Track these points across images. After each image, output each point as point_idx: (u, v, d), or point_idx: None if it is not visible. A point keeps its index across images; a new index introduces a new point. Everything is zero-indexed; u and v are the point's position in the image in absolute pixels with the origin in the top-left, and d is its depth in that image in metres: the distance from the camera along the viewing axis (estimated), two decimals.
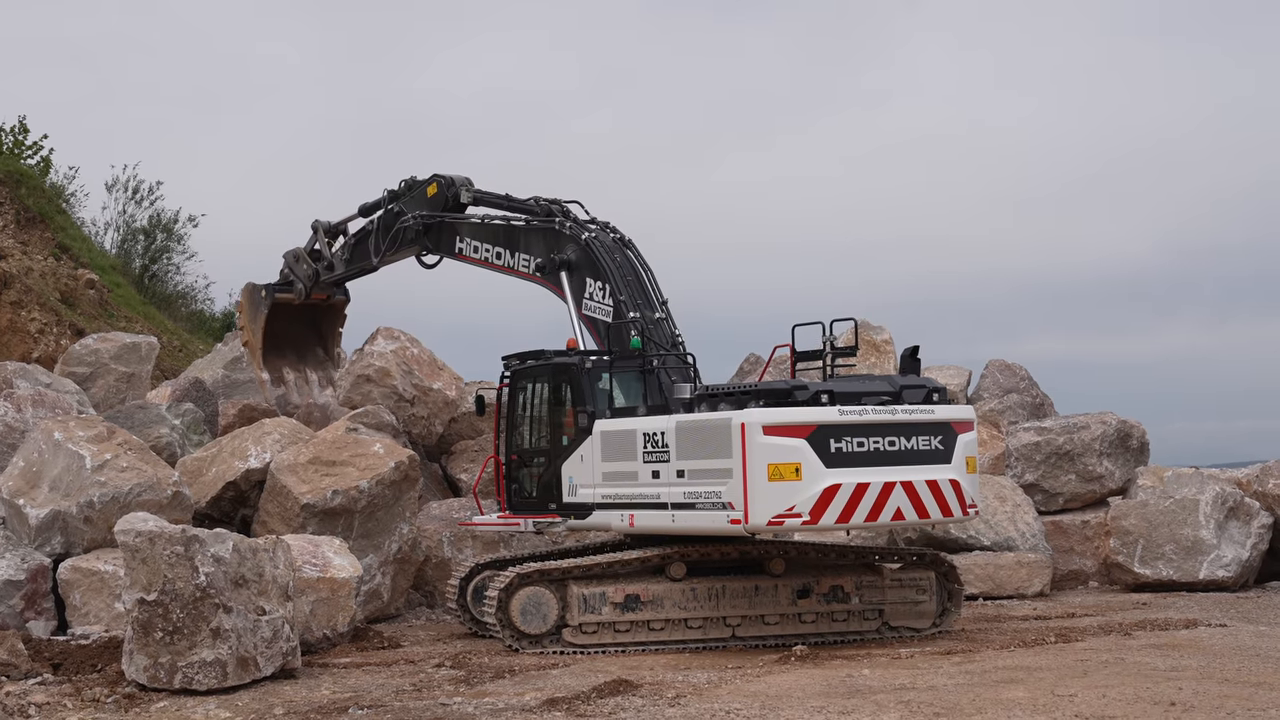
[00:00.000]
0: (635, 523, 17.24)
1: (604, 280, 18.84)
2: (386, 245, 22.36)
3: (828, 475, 15.86)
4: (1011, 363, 28.19)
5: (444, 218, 21.53)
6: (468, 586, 18.70)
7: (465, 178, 21.79)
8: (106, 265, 36.11)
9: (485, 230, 20.96)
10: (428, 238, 21.81)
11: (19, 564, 17.83)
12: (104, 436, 18.99)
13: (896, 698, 13.14)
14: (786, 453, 15.77)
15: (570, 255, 19.44)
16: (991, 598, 21.80)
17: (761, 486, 15.72)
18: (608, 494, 17.57)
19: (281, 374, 24.91)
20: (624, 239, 19.61)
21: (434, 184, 21.80)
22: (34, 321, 28.34)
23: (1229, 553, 22.26)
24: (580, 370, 18.15)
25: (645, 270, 19.29)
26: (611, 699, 13.50)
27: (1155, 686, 13.35)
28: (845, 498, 15.90)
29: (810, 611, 17.52)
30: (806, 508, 15.77)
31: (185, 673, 14.33)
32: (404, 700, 13.82)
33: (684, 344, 18.77)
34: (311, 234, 24.08)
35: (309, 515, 19.53)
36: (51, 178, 38.06)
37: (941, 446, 16.65)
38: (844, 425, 16.06)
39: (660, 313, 18.84)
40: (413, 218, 21.84)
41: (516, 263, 20.34)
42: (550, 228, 19.83)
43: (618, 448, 17.42)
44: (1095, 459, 24.47)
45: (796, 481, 15.75)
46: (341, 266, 23.67)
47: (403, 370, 24.90)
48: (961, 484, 16.71)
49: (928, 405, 16.70)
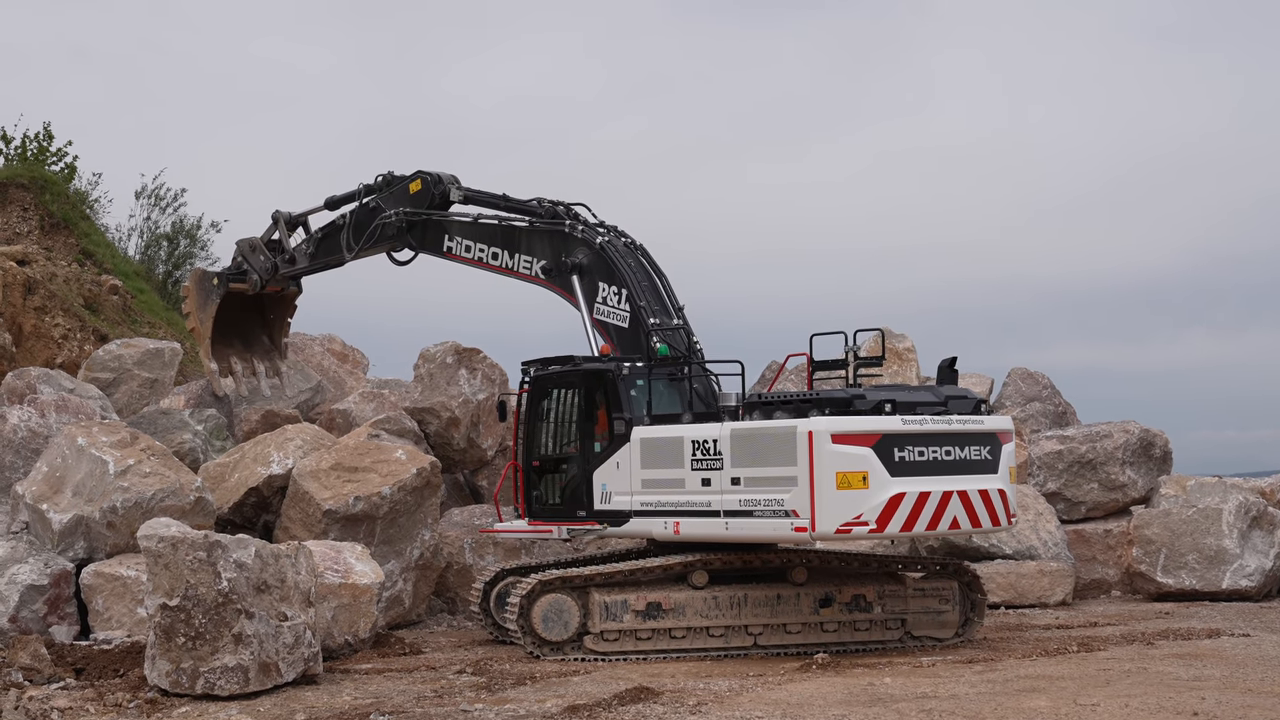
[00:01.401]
0: (681, 530, 17.21)
1: (619, 285, 18.68)
2: (363, 241, 21.90)
3: (893, 484, 15.97)
4: (1034, 371, 28.10)
5: (431, 215, 21.16)
6: (490, 592, 18.70)
7: (452, 175, 21.42)
8: (130, 271, 36.16)
9: (480, 230, 20.58)
10: (410, 234, 21.36)
11: (42, 569, 17.90)
12: (127, 442, 19.06)
13: (918, 706, 13.12)
14: (854, 461, 15.86)
15: (582, 259, 19.20)
16: (1014, 607, 21.75)
17: (829, 494, 15.80)
18: (647, 501, 17.55)
19: (229, 363, 24.46)
20: (635, 244, 19.41)
21: (418, 180, 21.36)
22: (58, 327, 28.40)
23: (1252, 562, 22.17)
24: (616, 376, 18.06)
25: (659, 276, 19.14)
26: (633, 706, 13.50)
27: (1178, 696, 13.31)
28: (910, 506, 16.03)
29: (832, 620, 17.48)
30: (873, 516, 15.86)
31: (207, 678, 14.37)
32: (425, 706, 13.84)
33: (701, 351, 18.67)
34: (271, 224, 23.58)
35: (331, 521, 19.55)
36: (75, 184, 38.18)
37: (990, 456, 16.82)
38: (907, 434, 16.17)
39: (677, 319, 18.73)
40: (395, 214, 21.38)
41: (516, 264, 20.03)
42: (559, 230, 19.57)
43: (660, 455, 17.38)
44: (1118, 468, 24.40)
45: (864, 490, 15.86)
46: (305, 260, 23.19)
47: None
48: (1007, 493, 16.91)
49: (976, 415, 16.88)
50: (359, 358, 28.57)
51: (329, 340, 28.22)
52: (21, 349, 27.47)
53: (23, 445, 20.40)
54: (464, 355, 24.58)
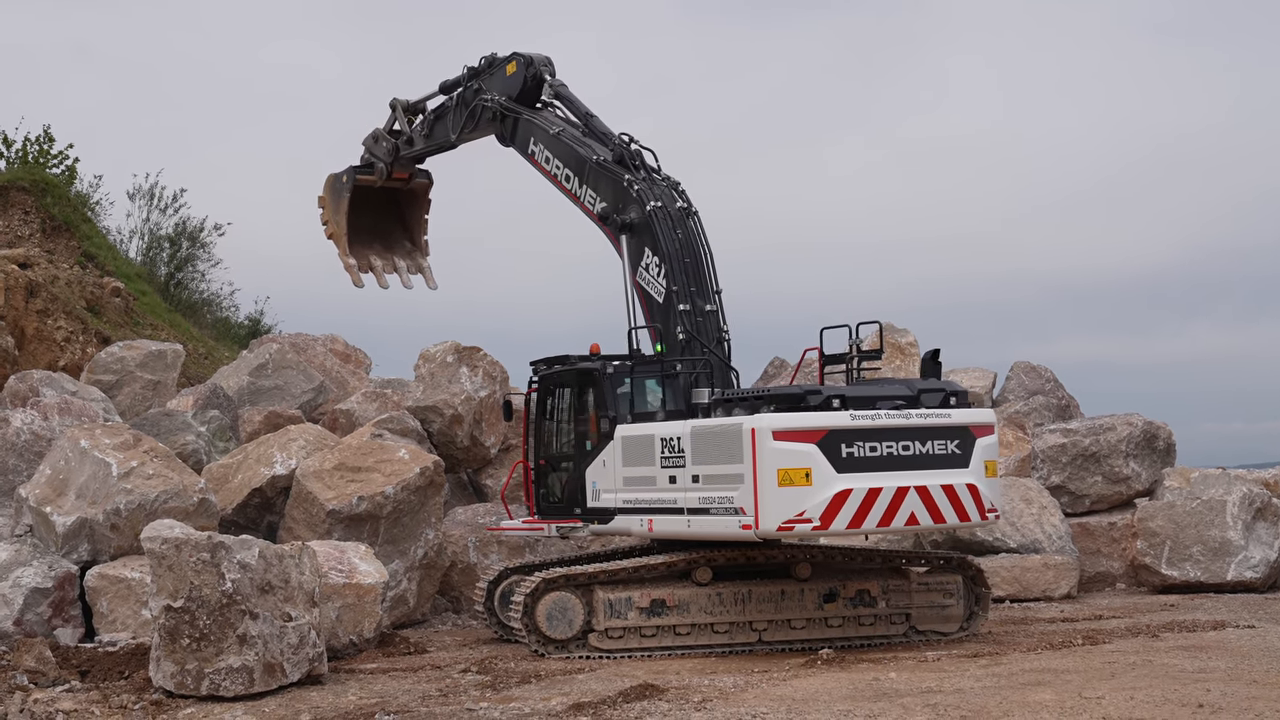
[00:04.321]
0: (654, 528, 17.24)
1: (661, 259, 18.11)
2: (464, 123, 21.92)
3: (839, 480, 15.77)
4: (1037, 364, 28.08)
5: (523, 114, 20.74)
6: (495, 591, 18.71)
7: (546, 58, 21.06)
8: (132, 273, 36.17)
9: (560, 146, 19.88)
10: (504, 126, 21.11)
11: (46, 571, 17.91)
12: (130, 444, 19.06)
13: (923, 701, 13.11)
14: (796, 458, 15.69)
15: (634, 217, 18.47)
16: (1018, 600, 21.74)
17: (771, 491, 15.67)
18: (629, 499, 17.58)
19: (369, 261, 24.59)
20: (689, 210, 18.51)
21: (513, 62, 21.11)
22: (60, 330, 28.39)
23: (1257, 554, 22.16)
24: (602, 375, 18.12)
25: (705, 250, 18.35)
26: (637, 704, 13.50)
27: (1183, 688, 13.30)
28: (857, 503, 15.82)
29: (836, 616, 17.47)
30: (817, 513, 15.69)
31: (212, 679, 14.37)
32: (430, 705, 13.84)
33: (729, 340, 18.15)
34: (390, 112, 23.74)
35: (334, 521, 19.56)
36: (76, 186, 38.19)
37: (959, 450, 16.52)
38: (856, 430, 15.94)
39: (712, 303, 18.08)
40: (493, 100, 21.22)
41: (584, 196, 19.39)
42: (619, 179, 18.83)
43: (638, 453, 17.42)
44: (1121, 460, 24.38)
45: (807, 487, 15.69)
46: (421, 142, 23.25)
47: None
48: (980, 488, 16.58)
49: (944, 409, 16.60)
50: (361, 358, 28.57)
51: (331, 340, 28.23)
52: (24, 352, 27.46)
53: (26, 448, 20.39)
54: (464, 354, 24.59)
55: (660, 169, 18.94)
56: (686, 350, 17.70)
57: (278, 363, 25.56)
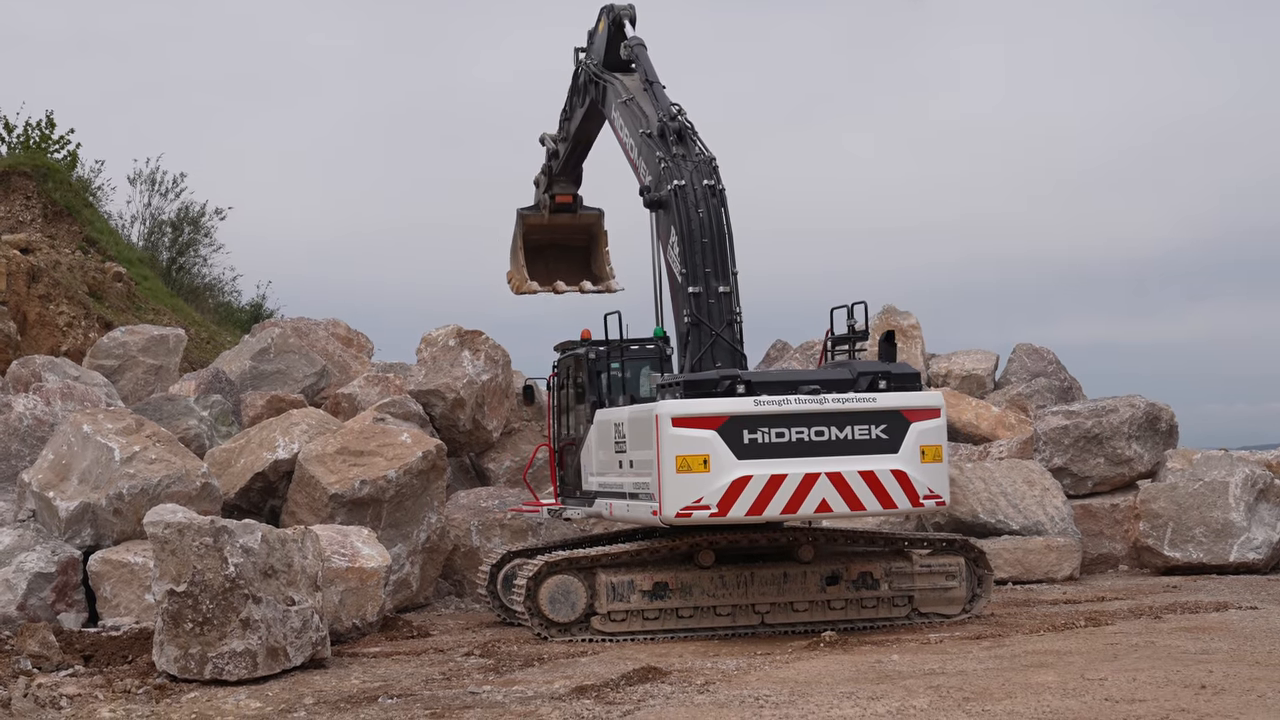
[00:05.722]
0: (613, 512, 17.46)
1: (679, 238, 17.73)
2: (572, 101, 21.55)
3: (739, 467, 15.70)
4: (1039, 346, 28.13)
5: (603, 77, 20.16)
6: (498, 574, 18.74)
7: (627, 4, 20.37)
8: (134, 258, 36.17)
9: (630, 115, 19.19)
10: (597, 91, 20.51)
11: (49, 556, 17.93)
12: (133, 429, 19.07)
13: (926, 683, 13.12)
14: (695, 444, 15.67)
15: (664, 194, 18.03)
16: (1021, 582, 21.74)
17: (671, 478, 15.70)
18: (603, 483, 17.80)
19: (554, 286, 23.61)
20: (716, 189, 17.88)
21: (601, 19, 20.58)
22: (62, 315, 28.42)
23: (1259, 535, 22.16)
24: (584, 360, 18.30)
25: (727, 230, 17.86)
26: (640, 686, 13.51)
27: (1185, 669, 13.30)
28: (757, 489, 15.72)
29: (839, 598, 17.48)
30: (714, 500, 15.68)
31: (215, 663, 14.38)
32: (433, 689, 13.85)
33: (741, 324, 17.68)
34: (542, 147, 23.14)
35: (337, 505, 19.58)
36: (78, 171, 38.19)
37: (885, 435, 16.19)
38: (759, 416, 15.83)
39: (727, 285, 17.54)
40: (582, 65, 20.85)
41: (640, 168, 18.82)
42: (654, 155, 18.40)
43: (606, 438, 17.63)
44: (1124, 442, 24.35)
45: (704, 474, 15.67)
46: (562, 148, 22.64)
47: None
48: (910, 474, 16.23)
49: (870, 393, 16.30)
50: (363, 342, 28.58)
51: (333, 325, 28.23)
52: (26, 337, 27.50)
53: (29, 433, 20.42)
54: (466, 338, 24.60)
55: (698, 145, 18.46)
56: (693, 332, 17.49)
57: (280, 347, 25.58)
